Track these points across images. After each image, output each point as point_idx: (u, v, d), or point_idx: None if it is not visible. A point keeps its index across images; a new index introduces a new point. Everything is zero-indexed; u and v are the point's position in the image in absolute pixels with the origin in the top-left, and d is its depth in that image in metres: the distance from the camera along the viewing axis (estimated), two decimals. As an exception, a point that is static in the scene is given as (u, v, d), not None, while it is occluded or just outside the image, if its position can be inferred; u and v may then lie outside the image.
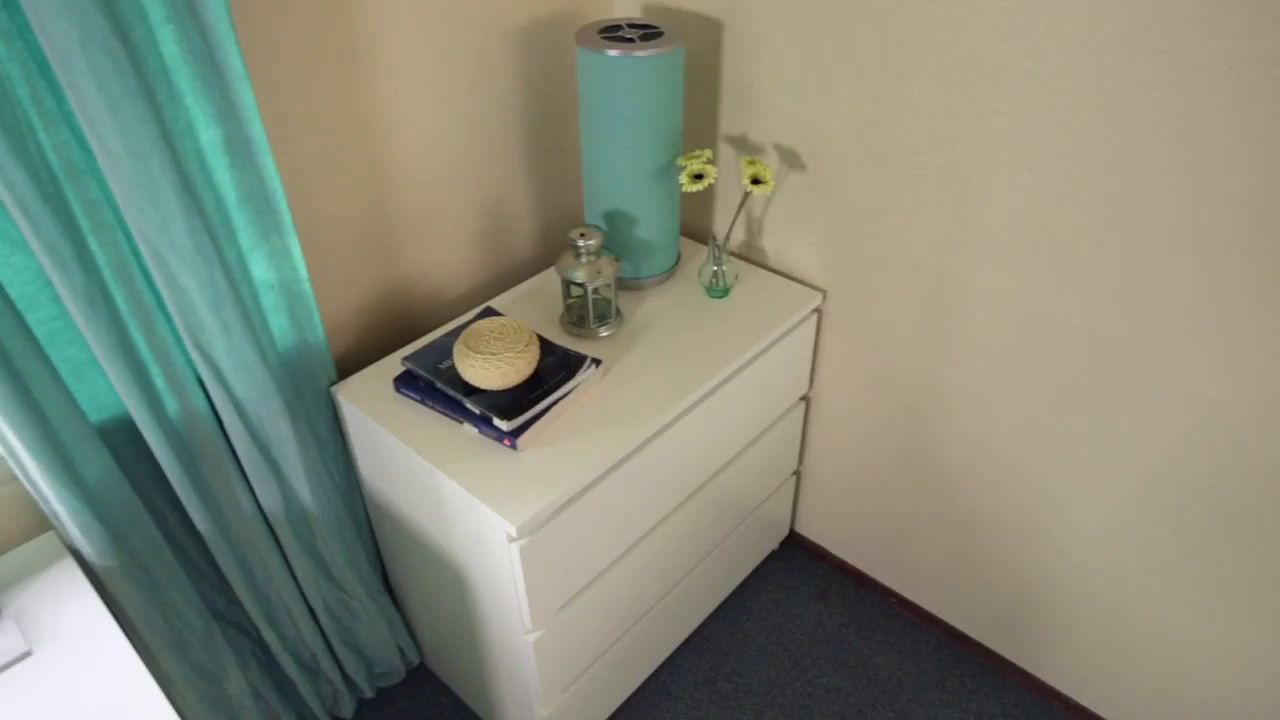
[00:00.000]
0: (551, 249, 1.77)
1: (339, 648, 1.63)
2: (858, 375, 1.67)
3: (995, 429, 1.51)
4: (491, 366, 1.26)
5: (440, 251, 1.55)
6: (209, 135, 1.10)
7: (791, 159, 1.53)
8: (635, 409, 1.33)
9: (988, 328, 1.42)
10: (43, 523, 1.24)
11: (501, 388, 1.29)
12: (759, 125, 1.54)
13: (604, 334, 1.48)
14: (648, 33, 1.40)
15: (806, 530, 2.02)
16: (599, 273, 1.40)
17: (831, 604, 1.93)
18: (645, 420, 1.32)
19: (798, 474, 1.93)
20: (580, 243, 1.38)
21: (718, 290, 1.57)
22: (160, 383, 1.17)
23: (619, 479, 1.31)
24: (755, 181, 1.45)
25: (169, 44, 1.02)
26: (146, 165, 1.02)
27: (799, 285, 1.61)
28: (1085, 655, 1.61)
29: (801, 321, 1.59)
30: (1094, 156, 1.18)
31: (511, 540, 1.19)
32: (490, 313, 1.50)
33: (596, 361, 1.37)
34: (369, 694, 1.75)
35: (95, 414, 1.19)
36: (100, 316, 1.06)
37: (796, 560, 2.03)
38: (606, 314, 1.49)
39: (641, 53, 1.33)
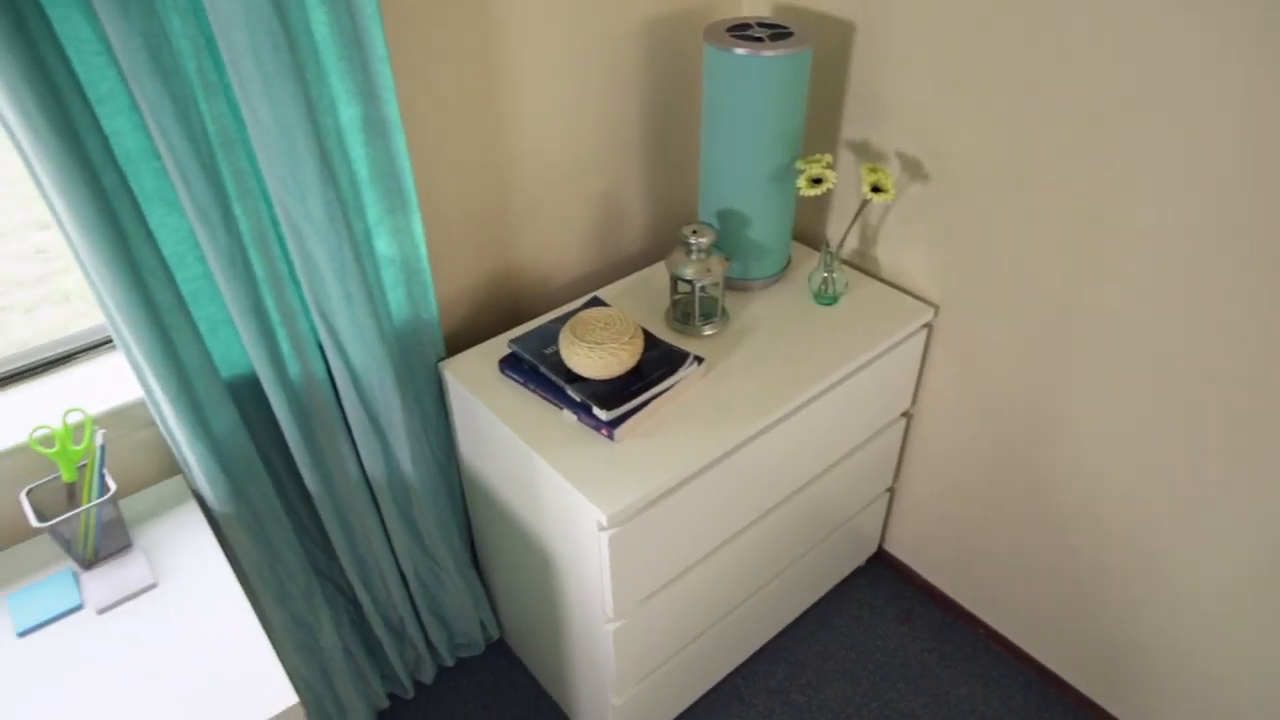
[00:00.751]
0: (662, 244, 1.78)
1: (425, 615, 1.68)
2: (966, 396, 1.61)
3: (1112, 465, 1.43)
4: (595, 356, 1.27)
5: (553, 239, 1.58)
6: (349, 113, 1.16)
7: (914, 168, 1.49)
8: (734, 410, 1.33)
9: (1112, 358, 1.35)
10: (173, 467, 1.32)
11: (603, 378, 1.30)
12: (883, 131, 1.51)
13: (708, 332, 1.47)
14: (776, 32, 1.38)
15: (896, 549, 1.97)
16: (708, 271, 1.40)
17: (916, 628, 1.87)
18: (743, 422, 1.31)
19: (891, 491, 1.89)
20: (692, 240, 1.38)
21: (826, 297, 1.54)
22: (285, 346, 1.24)
23: (712, 478, 1.31)
24: (875, 189, 1.42)
25: (320, 25, 1.07)
26: (292, 139, 1.07)
27: (910, 298, 1.57)
28: (1194, 714, 1.51)
29: (910, 336, 1.55)
30: (1251, 193, 1.10)
31: (602, 529, 1.20)
32: (597, 303, 1.52)
33: (699, 359, 1.37)
34: (449, 662, 1.80)
35: (226, 370, 1.26)
36: (239, 279, 1.13)
37: (883, 579, 1.98)
38: (712, 313, 1.49)
39: (769, 53, 1.32)
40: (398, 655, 1.68)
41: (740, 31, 1.39)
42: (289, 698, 1.01)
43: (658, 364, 1.35)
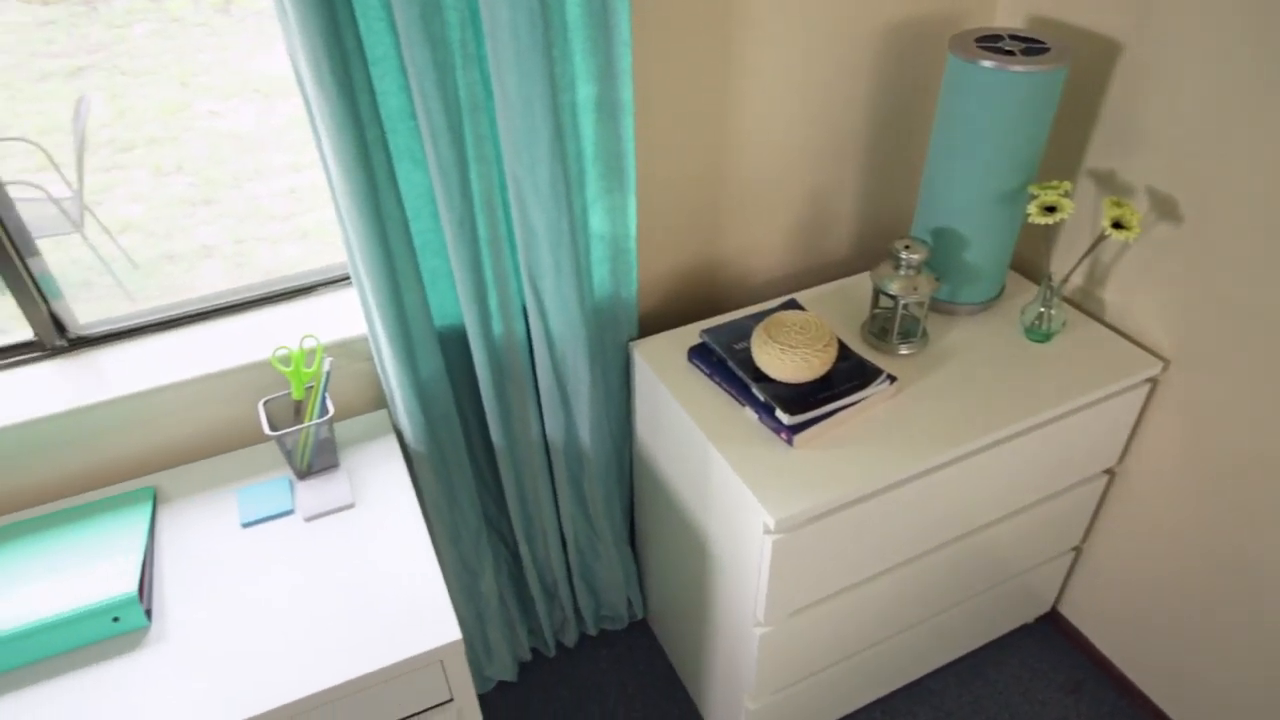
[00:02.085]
0: (867, 254, 1.73)
1: (577, 581, 1.74)
2: (1187, 463, 1.46)
3: (1357, 570, 1.25)
4: (787, 358, 1.26)
5: (758, 235, 1.57)
6: (585, 92, 1.20)
7: (1166, 207, 1.35)
8: (920, 436, 1.27)
9: (1381, 450, 1.17)
10: (380, 401, 1.44)
11: (791, 381, 1.29)
12: (1134, 163, 1.38)
13: (904, 351, 1.42)
14: (1030, 46, 1.30)
15: (1072, 613, 1.82)
16: (915, 289, 1.35)
17: (1083, 702, 1.72)
18: (928, 450, 1.25)
19: (1077, 551, 1.74)
20: (903, 254, 1.33)
21: (1039, 334, 1.44)
22: (494, 305, 1.31)
23: (886, 502, 1.26)
24: (1116, 225, 1.31)
25: (574, 5, 1.12)
26: (532, 111, 1.13)
27: (1136, 348, 1.44)
28: None
29: (1130, 389, 1.42)
30: None
31: (767, 532, 1.19)
32: (794, 305, 1.50)
33: (892, 378, 1.32)
34: (592, 631, 1.86)
35: (439, 320, 1.36)
36: (464, 237, 1.21)
37: (1052, 642, 1.84)
38: (912, 332, 1.43)
39: (1019, 68, 1.24)
40: (546, 613, 1.75)
41: (990, 43, 1.31)
42: (454, 633, 1.08)
43: (848, 376, 1.31)
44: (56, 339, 1.30)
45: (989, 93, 1.27)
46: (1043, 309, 1.42)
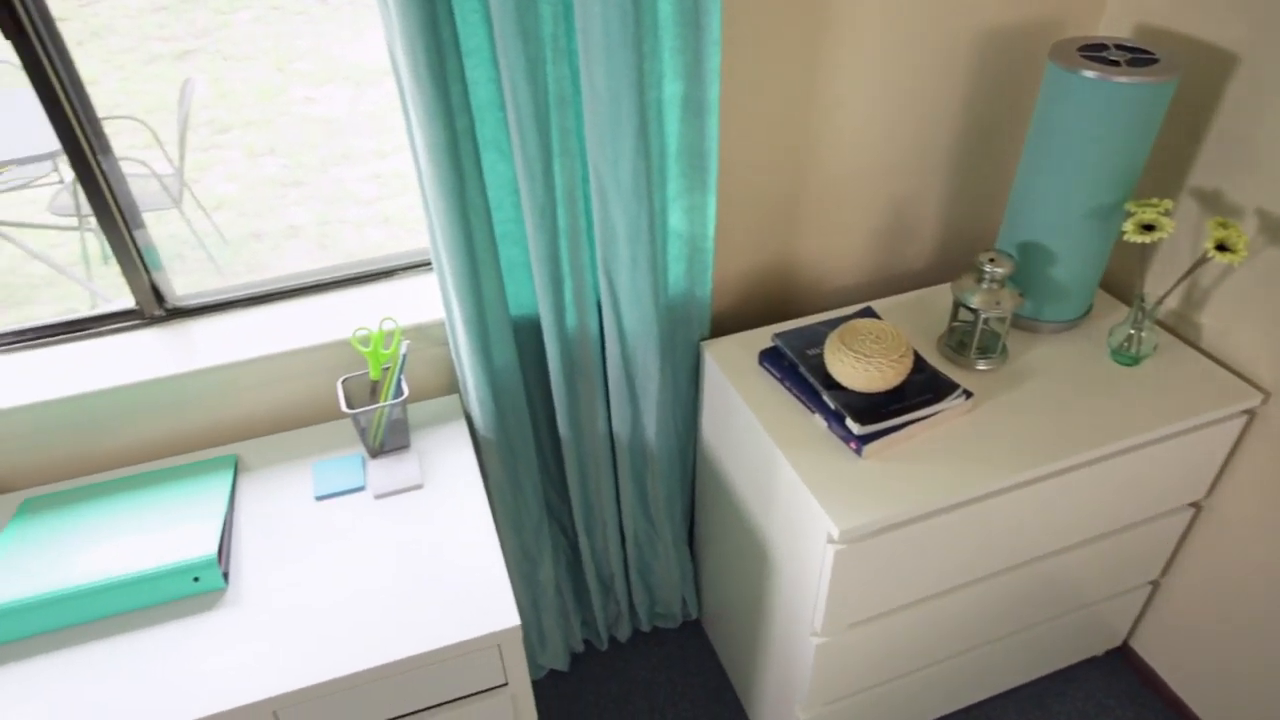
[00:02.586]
0: (948, 265, 1.69)
1: (634, 576, 1.75)
2: None
3: None
4: (860, 367, 1.24)
5: (836, 241, 1.55)
6: (672, 89, 1.20)
7: (1277, 231, 1.28)
8: (995, 455, 1.23)
9: None
10: (452, 386, 1.47)
11: (864, 390, 1.26)
12: (1245, 183, 1.31)
13: (982, 367, 1.38)
14: (1136, 57, 1.25)
15: (1144, 649, 1.75)
16: (997, 303, 1.31)
17: (1151, 743, 1.65)
18: (1002, 470, 1.21)
19: (1155, 585, 1.67)
20: (987, 267, 1.30)
21: (1126, 356, 1.38)
22: (569, 297, 1.32)
23: (955, 520, 1.23)
24: (1220, 248, 1.25)
25: (666, 3, 1.12)
26: (618, 107, 1.13)
27: (1233, 377, 1.37)
28: None
29: (1223, 420, 1.35)
30: None
31: (831, 542, 1.18)
32: (869, 313, 1.47)
33: (967, 393, 1.29)
34: (645, 627, 1.86)
35: (514, 310, 1.38)
36: (544, 229, 1.22)
37: (1120, 677, 1.77)
38: (991, 348, 1.39)
39: (1124, 79, 1.19)
40: (601, 607, 1.77)
41: (1094, 52, 1.27)
42: (513, 619, 1.09)
43: (922, 388, 1.29)
44: (155, 308, 1.36)
45: (1090, 104, 1.23)
46: (1132, 331, 1.37)
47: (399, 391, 1.30)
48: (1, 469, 1.31)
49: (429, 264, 1.48)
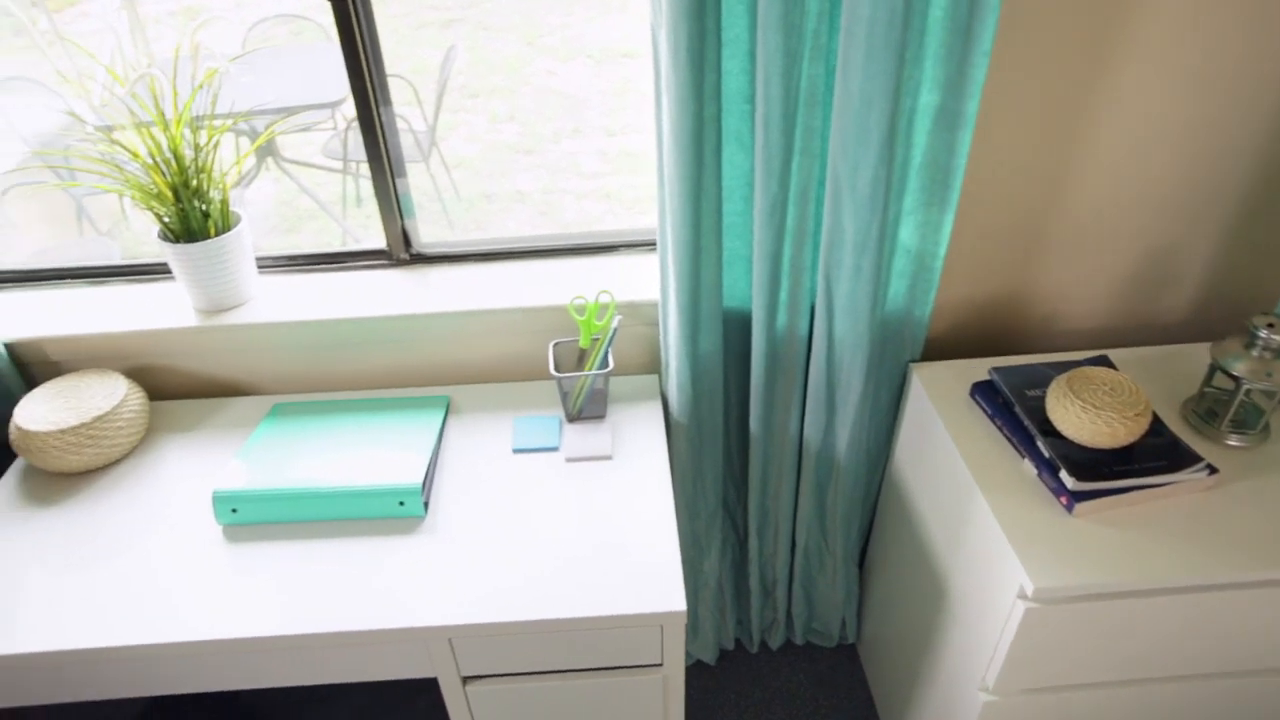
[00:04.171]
0: (1207, 323, 1.51)
1: (796, 587, 1.72)
2: None
3: None
4: (1088, 419, 1.14)
5: (1078, 279, 1.43)
6: (927, 100, 1.15)
7: None
8: (1233, 544, 1.10)
9: None
10: (654, 366, 1.51)
11: (1087, 444, 1.16)
12: None
13: (1234, 442, 1.23)
14: None
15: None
16: (1268, 375, 1.16)
17: None
18: (1239, 562, 1.07)
19: None
20: (1263, 333, 1.15)
21: None
22: (784, 296, 1.31)
23: (1171, 605, 1.11)
24: None
25: (937, 8, 1.08)
26: (868, 112, 1.10)
27: None
28: None
29: None
30: None
31: (1022, 597, 1.10)
32: (1104, 362, 1.35)
33: (1211, 468, 1.15)
34: (799, 640, 1.83)
35: (727, 301, 1.38)
36: (771, 225, 1.22)
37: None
38: (1249, 422, 1.23)
39: None
40: (759, 610, 1.75)
41: None
42: (680, 603, 1.11)
43: (1156, 453, 1.16)
44: (403, 252, 1.49)
45: None
46: None
47: (605, 363, 1.35)
48: (264, 373, 1.49)
49: (651, 245, 1.52)
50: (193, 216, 1.35)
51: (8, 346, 1.40)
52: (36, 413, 1.30)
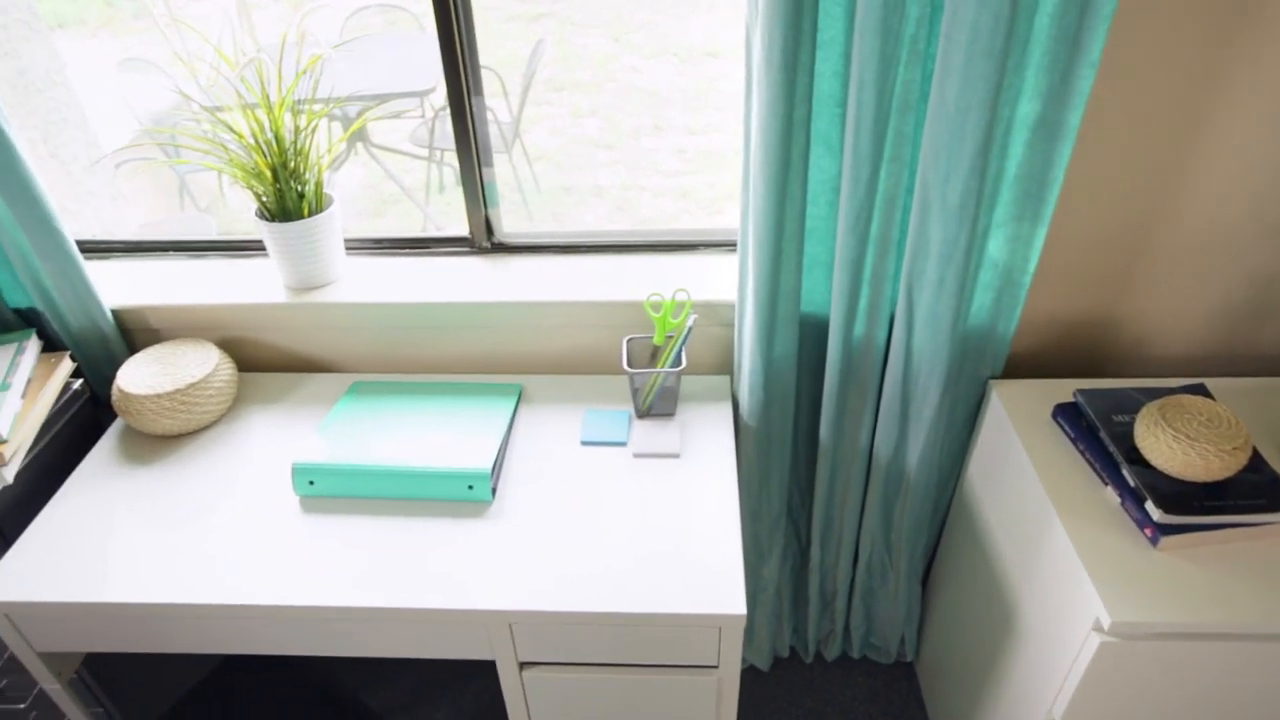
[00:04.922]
0: (1312, 356, 1.43)
1: (856, 600, 1.69)
2: None
3: None
4: (1180, 449, 1.09)
5: (1175, 302, 1.37)
6: (1026, 109, 1.12)
7: None
8: (1335, 591, 1.04)
9: None
10: (726, 367, 1.50)
11: (1177, 475, 1.11)
12: None
13: (1339, 485, 1.16)
14: None
15: None
16: (1381, 415, 1.09)
17: None
18: (1343, 611, 1.01)
19: None
20: (1378, 370, 1.08)
21: None
22: (863, 305, 1.29)
23: (1249, 652, 1.05)
24: None
25: (1044, 15, 1.04)
26: (964, 120, 1.07)
27: None
28: None
29: None
30: None
31: (1098, 630, 1.06)
32: (1201, 391, 1.29)
33: (1313, 511, 1.09)
34: (855, 654, 1.80)
35: (804, 306, 1.37)
36: (855, 231, 1.20)
37: None
38: (1356, 465, 1.16)
39: None
40: (816, 620, 1.73)
41: None
42: (740, 607, 1.10)
43: (1253, 491, 1.11)
44: (485, 240, 1.52)
45: None
46: None
47: (678, 361, 1.35)
48: (345, 351, 1.53)
49: (730, 246, 1.52)
50: (289, 196, 1.40)
51: (114, 313, 1.48)
52: (136, 376, 1.37)
